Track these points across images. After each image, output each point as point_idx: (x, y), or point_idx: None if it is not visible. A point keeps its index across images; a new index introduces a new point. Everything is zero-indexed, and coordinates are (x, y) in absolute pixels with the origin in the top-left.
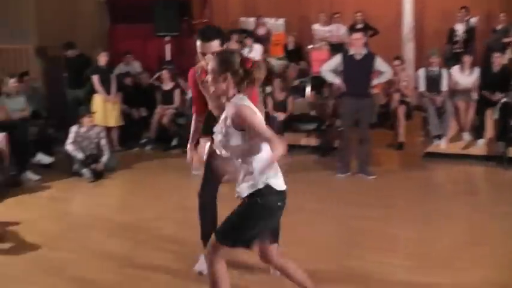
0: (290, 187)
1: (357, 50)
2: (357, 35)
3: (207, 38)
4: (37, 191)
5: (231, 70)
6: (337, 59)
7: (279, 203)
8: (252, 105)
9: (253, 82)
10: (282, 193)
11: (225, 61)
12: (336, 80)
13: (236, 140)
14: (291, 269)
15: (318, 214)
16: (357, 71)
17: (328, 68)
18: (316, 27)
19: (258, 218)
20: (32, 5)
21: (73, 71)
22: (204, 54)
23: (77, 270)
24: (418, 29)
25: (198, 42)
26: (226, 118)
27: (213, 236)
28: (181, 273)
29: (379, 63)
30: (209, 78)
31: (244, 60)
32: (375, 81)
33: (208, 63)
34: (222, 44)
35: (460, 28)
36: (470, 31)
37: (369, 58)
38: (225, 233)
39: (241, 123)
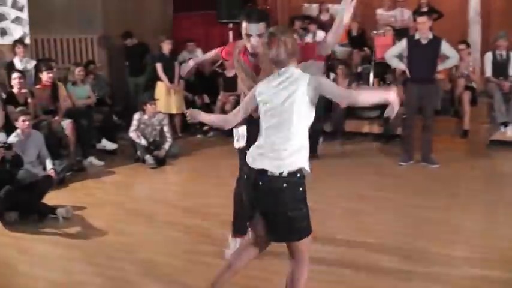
0: (352, 175)
1: (423, 34)
2: (422, 19)
3: (254, 19)
4: (101, 177)
5: None
6: (402, 44)
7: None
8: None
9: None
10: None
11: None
12: (401, 66)
13: None
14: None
15: (380, 202)
16: (422, 56)
17: (393, 53)
18: (380, 11)
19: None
20: None
21: (133, 60)
22: (249, 35)
23: (142, 254)
24: (485, 11)
25: (244, 24)
26: None
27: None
28: None
29: (446, 48)
30: (260, 58)
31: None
32: (440, 67)
33: (253, 44)
34: (268, 26)
35: None
36: None
37: (435, 42)
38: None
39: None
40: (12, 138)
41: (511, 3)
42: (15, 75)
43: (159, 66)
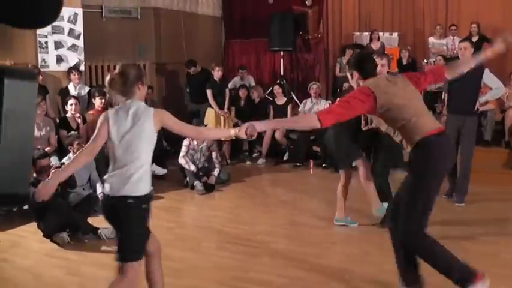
0: None
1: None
2: (464, 44)
3: None
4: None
5: None
6: None
7: None
8: None
9: None
10: None
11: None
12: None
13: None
14: None
15: None
16: (462, 85)
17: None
18: (432, 40)
19: None
20: (151, 23)
21: (194, 87)
22: None
23: (189, 280)
24: None
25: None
26: None
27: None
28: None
29: (488, 77)
30: None
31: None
32: (483, 99)
33: None
34: None
35: None
36: None
37: (477, 71)
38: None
39: None
40: (66, 161)
41: None
42: (71, 101)
43: (209, 93)
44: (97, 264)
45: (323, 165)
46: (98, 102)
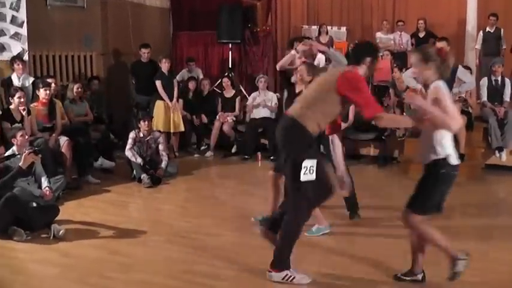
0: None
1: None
2: (442, 43)
3: None
4: (97, 195)
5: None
6: None
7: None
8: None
9: (448, 68)
10: (457, 166)
11: (426, 53)
12: (418, 86)
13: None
14: (434, 234)
15: (374, 223)
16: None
17: (409, 74)
18: (379, 35)
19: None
20: (97, 13)
21: (142, 78)
22: None
23: (137, 274)
24: (477, 38)
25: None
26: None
27: (406, 209)
28: (240, 280)
29: (462, 73)
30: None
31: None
32: (455, 90)
33: None
34: None
35: None
36: None
37: (452, 68)
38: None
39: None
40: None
41: (509, 29)
42: (18, 94)
43: (158, 84)
44: (43, 262)
45: (271, 157)
46: (42, 93)
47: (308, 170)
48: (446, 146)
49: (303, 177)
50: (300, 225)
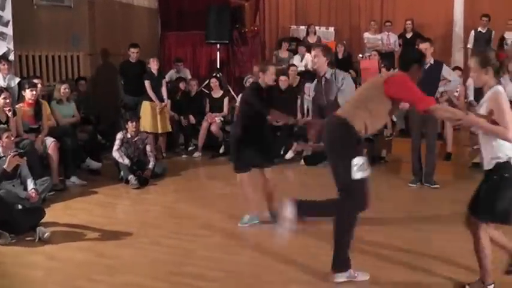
0: None
1: (425, 59)
2: (425, 45)
3: None
4: (84, 197)
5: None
6: None
7: None
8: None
9: (507, 72)
10: None
11: (485, 57)
12: None
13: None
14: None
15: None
16: (425, 80)
17: None
18: (367, 35)
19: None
20: (85, 13)
21: (130, 78)
22: None
23: (124, 276)
24: (469, 37)
25: None
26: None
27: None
28: (228, 281)
29: (447, 72)
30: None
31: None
32: (441, 89)
33: None
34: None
35: (510, 36)
36: None
37: (436, 67)
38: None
39: (495, 108)
40: None
41: (496, 30)
42: (3, 94)
43: (147, 84)
44: (29, 265)
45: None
46: (28, 94)
47: (360, 167)
48: (507, 148)
49: (356, 175)
50: (351, 224)
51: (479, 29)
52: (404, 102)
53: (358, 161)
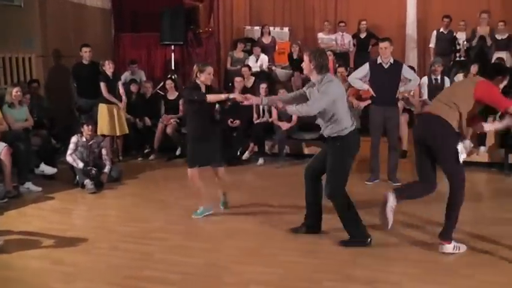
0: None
1: (385, 59)
2: (385, 44)
3: None
4: (39, 203)
5: None
6: (365, 68)
7: None
8: None
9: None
10: None
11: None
12: (365, 87)
13: None
14: None
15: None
16: (385, 80)
17: (356, 76)
18: (321, 35)
19: None
20: (36, 13)
21: (83, 81)
22: None
23: (81, 283)
24: (421, 38)
25: None
26: None
27: None
28: (188, 283)
29: (406, 71)
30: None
31: None
32: (402, 89)
33: None
34: None
35: (462, 37)
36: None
37: (396, 66)
38: None
39: None
40: None
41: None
42: None
43: (103, 86)
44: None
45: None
46: None
47: (461, 152)
48: None
49: (462, 159)
50: (462, 199)
51: (441, 29)
52: (488, 104)
53: (459, 147)
